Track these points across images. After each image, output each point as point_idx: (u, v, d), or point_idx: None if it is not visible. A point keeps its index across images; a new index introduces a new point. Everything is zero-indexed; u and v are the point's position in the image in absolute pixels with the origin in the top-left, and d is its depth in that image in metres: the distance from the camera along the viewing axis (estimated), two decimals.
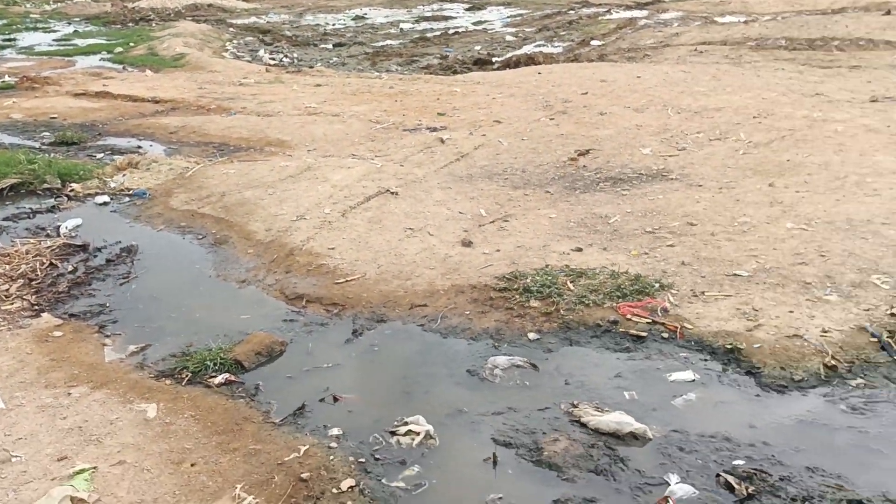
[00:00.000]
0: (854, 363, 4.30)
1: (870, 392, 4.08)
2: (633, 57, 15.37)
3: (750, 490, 3.37)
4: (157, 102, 12.10)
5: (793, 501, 3.31)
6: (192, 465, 3.73)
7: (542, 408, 4.08)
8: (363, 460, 3.72)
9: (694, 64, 13.76)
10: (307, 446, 3.81)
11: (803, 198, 6.56)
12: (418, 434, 3.85)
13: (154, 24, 23.98)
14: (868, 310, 4.75)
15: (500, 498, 3.44)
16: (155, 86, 13.54)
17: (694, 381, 4.27)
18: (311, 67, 16.09)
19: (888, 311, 4.71)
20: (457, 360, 4.59)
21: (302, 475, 3.60)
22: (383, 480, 3.58)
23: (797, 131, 8.48)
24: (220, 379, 4.46)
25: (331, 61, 17.43)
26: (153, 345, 4.94)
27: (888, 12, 18.16)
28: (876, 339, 4.45)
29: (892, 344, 4.40)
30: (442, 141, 9.00)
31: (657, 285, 5.19)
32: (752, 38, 16.39)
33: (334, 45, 19.68)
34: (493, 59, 16.29)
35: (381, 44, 19.68)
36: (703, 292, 5.10)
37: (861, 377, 4.20)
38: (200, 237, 6.67)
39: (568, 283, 5.28)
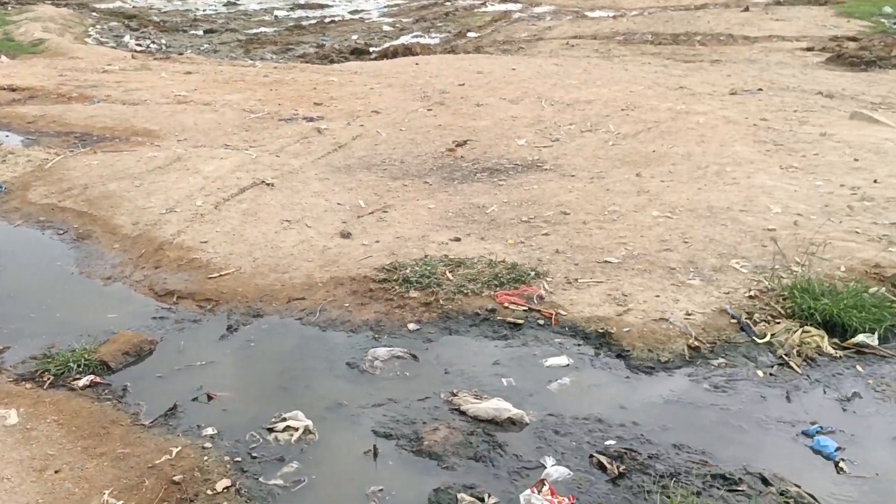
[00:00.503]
0: (716, 344, 4.53)
1: (730, 371, 4.31)
2: (508, 49, 15.63)
3: (621, 469, 3.50)
4: (13, 90, 11.33)
5: (661, 478, 3.45)
6: (56, 471, 3.55)
7: (423, 398, 4.10)
8: (239, 459, 3.63)
9: (566, 57, 14.13)
10: (179, 448, 3.68)
11: (668, 187, 6.85)
12: (297, 429, 3.79)
13: (10, 8, 22.43)
14: (728, 293, 5.01)
15: (381, 490, 3.44)
16: (11, 73, 12.69)
17: (568, 365, 4.39)
18: (181, 54, 15.51)
19: (746, 294, 4.99)
20: (336, 353, 4.54)
21: (174, 478, 3.47)
22: (261, 479, 3.50)
23: (662, 123, 8.84)
24: (84, 381, 4.25)
25: (201, 48, 16.86)
26: (11, 347, 4.65)
27: (746, 9, 19.21)
28: (735, 321, 4.71)
29: (751, 325, 4.66)
30: (319, 131, 8.88)
31: (533, 273, 5.30)
32: (620, 32, 16.98)
33: (205, 32, 19.05)
34: (371, 49, 16.19)
35: (254, 31, 19.19)
36: (576, 279, 5.25)
37: (722, 357, 4.43)
38: (61, 232, 6.32)
39: (447, 272, 5.32)
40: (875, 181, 6.75)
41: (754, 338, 4.56)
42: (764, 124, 8.67)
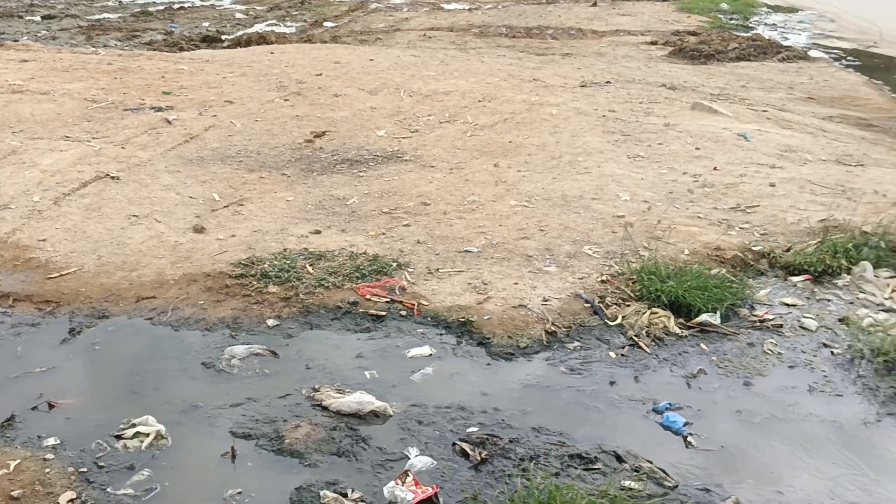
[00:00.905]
0: (571, 328, 4.66)
1: (585, 353, 4.45)
2: (365, 40, 15.53)
3: (483, 455, 3.53)
4: None
5: (521, 461, 3.51)
6: None
7: (283, 395, 3.99)
8: (85, 470, 3.41)
9: (423, 48, 14.19)
10: (18, 461, 3.42)
11: (524, 177, 7.00)
12: (148, 435, 3.60)
13: None
14: (582, 278, 5.18)
15: (240, 492, 3.31)
16: None
17: (431, 355, 4.40)
18: (16, 41, 14.44)
19: (599, 279, 5.16)
20: (191, 352, 4.35)
21: (13, 493, 3.22)
22: (109, 489, 3.30)
23: (518, 114, 9.03)
24: None
25: (39, 35, 15.77)
26: None
27: (595, 3, 19.99)
28: (589, 305, 4.87)
29: (603, 308, 4.83)
30: (168, 122, 8.49)
31: (395, 264, 5.28)
32: (475, 25, 17.24)
33: (43, 18, 17.85)
34: (223, 37, 15.66)
35: (97, 17, 18.16)
36: (437, 269, 5.27)
37: (577, 340, 4.57)
38: None
39: (307, 266, 5.22)
40: (715, 168, 7.17)
41: (606, 320, 4.72)
42: (612, 115, 9.02)
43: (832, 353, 4.48)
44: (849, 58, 14.81)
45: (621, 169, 7.16)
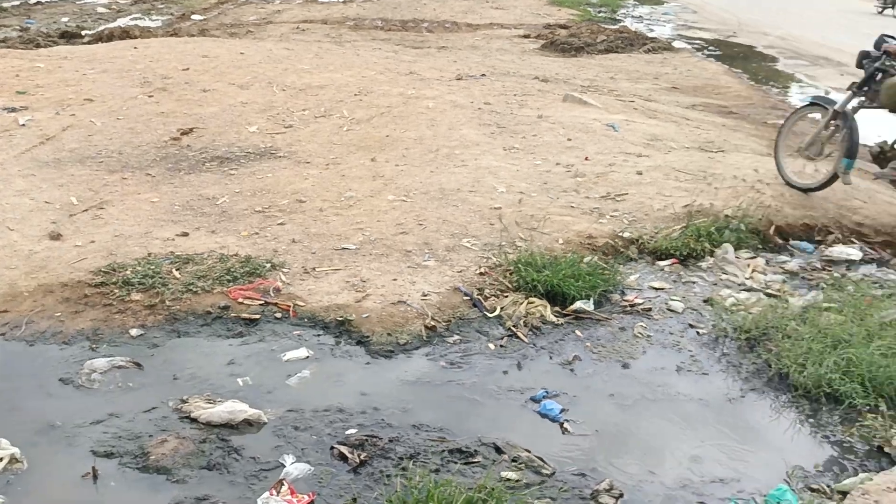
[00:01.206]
0: (451, 321, 4.64)
1: (465, 346, 4.44)
2: (235, 33, 15.11)
3: (362, 457, 3.46)
4: None
5: (401, 460, 3.46)
6: None
7: (149, 409, 3.78)
8: None
9: (297, 41, 13.92)
10: None
11: (402, 171, 6.94)
12: (1, 459, 3.34)
13: None
14: (461, 271, 5.17)
15: None
16: None
17: (308, 357, 4.28)
18: None
19: (477, 271, 5.17)
20: (47, 368, 4.07)
21: None
22: None
23: (394, 108, 8.96)
24: None
25: None
26: None
27: None
28: (468, 298, 4.87)
29: (482, 300, 4.84)
30: (22, 123, 7.96)
31: (269, 265, 5.12)
32: (350, 17, 17.07)
33: None
34: (84, 33, 14.89)
35: None
36: (314, 268, 5.15)
37: (457, 333, 4.55)
38: None
39: (173, 271, 4.99)
40: (586, 158, 7.32)
41: (485, 312, 4.74)
42: (488, 108, 9.09)
43: (698, 333, 4.65)
44: (710, 48, 15.53)
45: (497, 161, 7.21)
